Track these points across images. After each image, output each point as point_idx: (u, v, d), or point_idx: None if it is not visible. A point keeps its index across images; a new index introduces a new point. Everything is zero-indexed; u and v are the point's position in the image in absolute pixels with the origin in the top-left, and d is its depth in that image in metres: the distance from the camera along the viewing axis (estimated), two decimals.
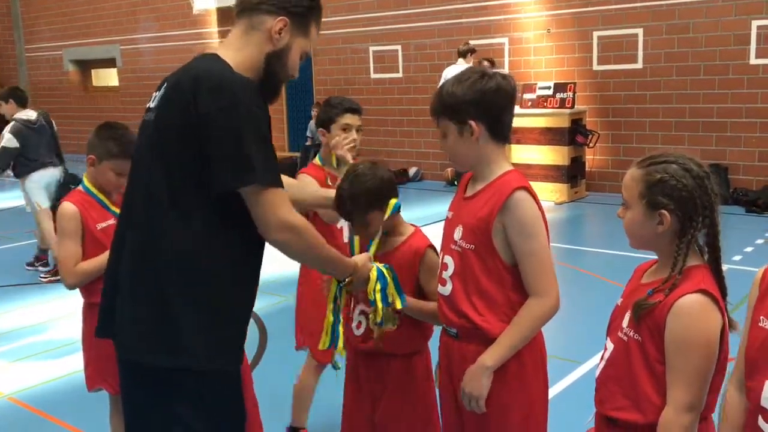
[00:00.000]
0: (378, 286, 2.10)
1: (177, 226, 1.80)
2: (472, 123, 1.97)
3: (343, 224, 3.02)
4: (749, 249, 6.40)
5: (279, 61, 1.95)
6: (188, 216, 1.80)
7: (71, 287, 2.80)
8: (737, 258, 6.01)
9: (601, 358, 1.85)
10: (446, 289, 2.06)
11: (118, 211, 2.70)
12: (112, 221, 2.81)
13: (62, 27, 16.98)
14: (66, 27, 16.88)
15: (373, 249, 2.27)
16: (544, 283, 1.96)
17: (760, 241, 6.62)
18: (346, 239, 3.01)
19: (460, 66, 9.11)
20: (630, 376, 1.72)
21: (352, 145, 2.96)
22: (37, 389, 4.15)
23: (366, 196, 2.25)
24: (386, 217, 2.28)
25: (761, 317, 1.49)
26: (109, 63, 16.21)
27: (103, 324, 1.99)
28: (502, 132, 2.02)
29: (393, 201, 2.28)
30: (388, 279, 2.12)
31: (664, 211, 1.69)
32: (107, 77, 16.78)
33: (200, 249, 1.81)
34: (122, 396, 2.01)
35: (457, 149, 2.03)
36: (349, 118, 3.01)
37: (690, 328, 1.64)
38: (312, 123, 10.24)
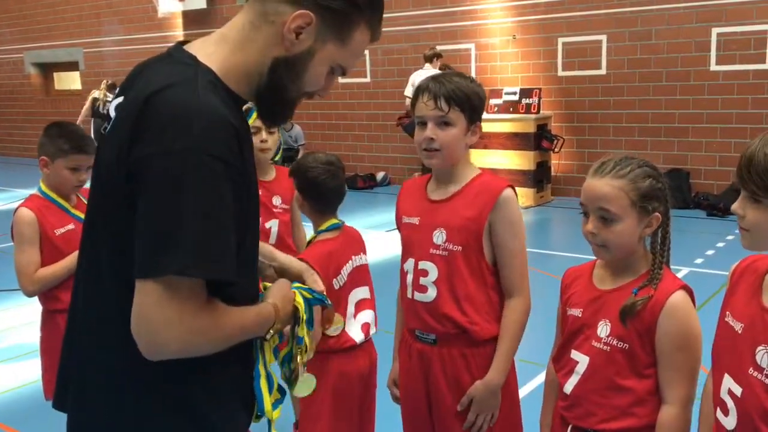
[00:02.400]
0: (306, 317, 1.54)
1: (115, 293, 1.31)
2: (478, 125, 2.04)
3: (271, 224, 2.99)
4: (710, 252, 6.51)
5: (291, 70, 1.38)
6: (122, 287, 1.27)
7: (30, 295, 2.73)
8: (699, 261, 6.11)
9: (569, 372, 1.81)
10: (427, 296, 2.04)
11: (79, 214, 2.72)
12: (71, 226, 2.74)
13: (23, 29, 16.64)
14: (27, 29, 16.54)
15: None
16: (525, 282, 2.03)
17: (730, 237, 6.75)
18: (273, 240, 2.96)
19: (427, 71, 9.15)
20: (616, 386, 1.71)
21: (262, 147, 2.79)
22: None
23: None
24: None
25: (727, 312, 1.52)
26: (72, 66, 15.93)
27: (60, 396, 1.53)
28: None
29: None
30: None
31: (657, 214, 1.72)
32: (70, 80, 16.48)
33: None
34: None
35: (456, 143, 2.02)
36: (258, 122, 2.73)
37: (686, 324, 1.68)
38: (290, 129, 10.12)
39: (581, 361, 1.78)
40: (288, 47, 1.36)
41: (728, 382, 1.46)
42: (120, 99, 1.42)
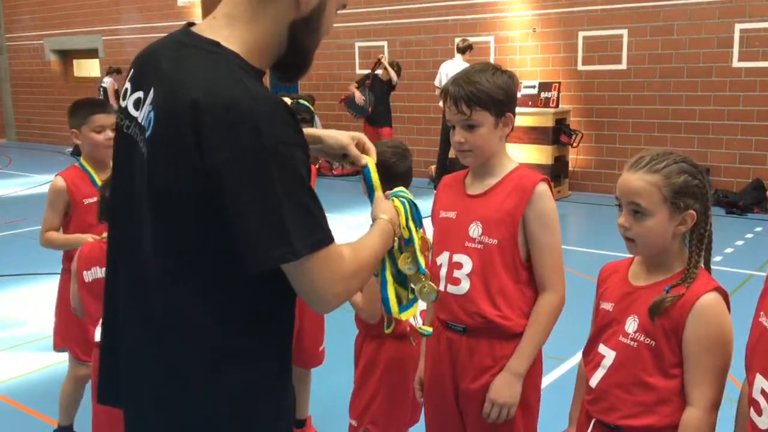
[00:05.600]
0: (410, 216, 1.68)
1: (175, 290, 1.36)
2: (510, 115, 2.03)
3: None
4: (729, 250, 6.46)
5: (309, 27, 1.42)
6: (187, 280, 1.35)
7: (41, 246, 3.11)
8: (718, 259, 6.06)
9: (595, 366, 1.81)
10: (460, 288, 2.04)
11: None
12: (96, 199, 3.01)
13: (44, 16, 16.76)
14: (47, 16, 16.66)
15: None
16: (558, 277, 2.02)
17: (749, 236, 6.69)
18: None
19: (459, 62, 9.13)
20: (642, 382, 1.71)
21: None
22: (16, 381, 4.10)
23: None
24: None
25: (762, 313, 1.51)
26: (91, 53, 16.03)
27: (106, 388, 1.58)
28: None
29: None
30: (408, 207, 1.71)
31: (691, 212, 1.70)
32: (89, 68, 16.59)
33: (212, 319, 1.36)
34: None
35: (487, 141, 2.02)
36: None
37: (715, 326, 1.65)
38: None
39: (608, 355, 1.78)
40: (303, 7, 1.38)
41: (761, 382, 1.45)
42: (138, 94, 1.40)
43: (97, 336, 2.49)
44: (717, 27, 8.50)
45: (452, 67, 9.08)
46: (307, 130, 1.63)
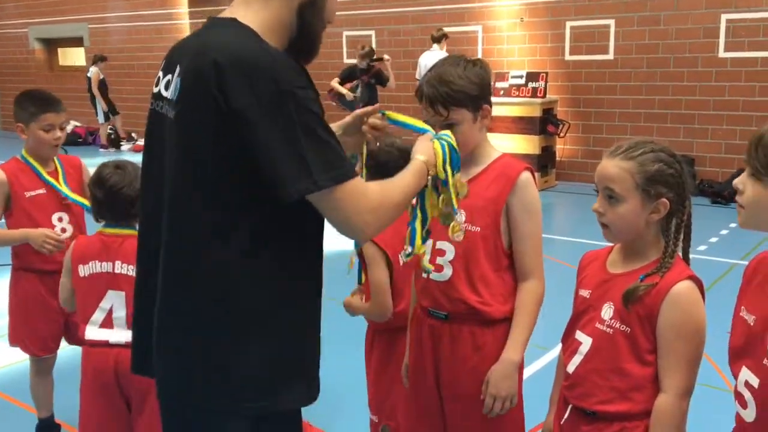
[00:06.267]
0: (448, 158, 1.78)
1: (214, 243, 1.50)
2: (486, 107, 2.02)
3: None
4: (714, 239, 6.52)
5: (314, 9, 1.60)
6: (228, 231, 1.49)
7: None
8: (702, 248, 6.12)
9: (572, 352, 1.83)
10: (443, 275, 2.05)
11: (52, 180, 3.00)
12: (42, 191, 3.00)
13: (28, 3, 16.58)
14: (32, 3, 16.48)
15: None
16: (540, 265, 2.04)
17: (734, 225, 6.75)
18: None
19: (436, 52, 9.11)
20: (617, 368, 1.72)
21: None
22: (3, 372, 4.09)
23: None
24: None
25: (742, 307, 1.52)
26: (77, 42, 15.88)
27: (138, 360, 1.72)
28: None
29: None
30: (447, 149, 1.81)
31: (664, 200, 1.71)
32: (74, 56, 16.44)
33: (244, 268, 1.51)
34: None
35: (468, 137, 2.01)
36: None
37: (688, 313, 1.67)
38: None
39: (584, 341, 1.80)
40: None
41: (745, 375, 1.47)
42: (168, 77, 1.56)
43: (90, 334, 2.46)
44: (703, 17, 8.53)
45: (430, 58, 9.07)
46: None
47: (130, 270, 2.45)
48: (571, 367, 1.82)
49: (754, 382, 1.44)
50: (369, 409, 2.69)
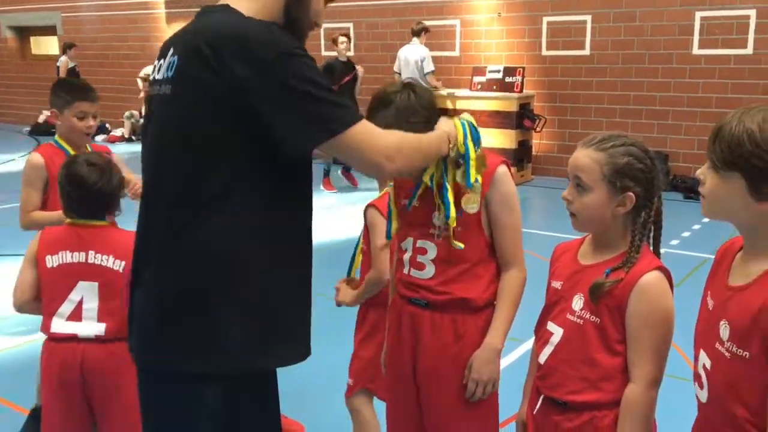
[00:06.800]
0: (469, 135, 1.96)
1: (201, 209, 1.56)
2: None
3: None
4: (686, 234, 6.61)
5: (299, 5, 1.72)
6: (217, 204, 1.56)
7: (23, 229, 3.01)
8: (675, 242, 6.21)
9: (544, 343, 1.86)
10: (425, 273, 2.06)
11: None
12: None
13: None
14: None
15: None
16: (521, 254, 2.08)
17: (706, 220, 6.85)
18: None
19: (415, 45, 9.11)
20: (587, 358, 1.75)
21: None
22: None
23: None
24: None
25: (708, 292, 1.56)
26: (50, 30, 15.62)
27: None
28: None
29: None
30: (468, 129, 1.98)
31: (630, 194, 1.73)
32: (47, 45, 16.17)
33: (231, 237, 1.57)
34: (140, 406, 1.76)
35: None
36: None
37: (656, 304, 1.70)
38: None
39: (556, 332, 1.82)
40: None
41: (702, 358, 1.51)
42: (161, 61, 1.65)
43: (56, 327, 2.40)
44: (678, 14, 8.63)
45: (409, 51, 9.09)
46: None
47: (103, 260, 2.42)
48: (542, 358, 1.85)
49: (708, 364, 1.48)
50: (348, 374, 2.71)
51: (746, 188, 1.37)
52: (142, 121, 13.18)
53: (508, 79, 9.21)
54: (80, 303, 2.41)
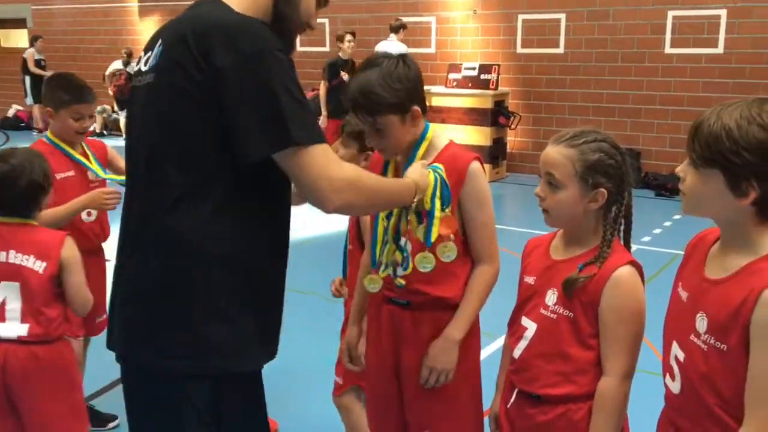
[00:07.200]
0: (438, 192, 1.90)
1: (184, 207, 1.52)
2: (415, 108, 1.98)
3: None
4: (658, 231, 6.70)
5: (289, 4, 1.68)
6: (198, 195, 1.52)
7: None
8: (646, 239, 6.28)
9: (518, 338, 1.87)
10: (401, 282, 2.05)
11: (84, 160, 2.99)
12: (71, 173, 2.94)
13: None
14: None
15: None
16: (494, 250, 2.07)
17: (677, 217, 6.94)
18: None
19: (393, 42, 9.09)
20: (561, 353, 1.77)
21: None
22: None
23: None
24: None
25: (679, 284, 1.58)
26: (19, 23, 15.35)
27: (110, 335, 1.72)
28: (426, 107, 2.08)
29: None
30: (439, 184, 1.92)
31: (602, 190, 1.75)
32: (17, 38, 15.87)
33: (211, 231, 1.53)
34: (126, 403, 1.72)
35: (399, 138, 2.00)
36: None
37: (628, 298, 1.72)
38: None
39: (530, 327, 1.84)
40: None
41: (675, 349, 1.53)
42: (149, 54, 1.62)
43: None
44: (650, 13, 8.73)
45: (387, 47, 9.05)
46: None
47: (24, 260, 2.35)
48: (517, 352, 1.86)
49: (681, 356, 1.50)
50: (335, 372, 2.71)
51: (725, 185, 1.39)
52: (114, 116, 13.03)
53: (483, 77, 9.25)
54: (3, 303, 2.34)
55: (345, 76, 8.68)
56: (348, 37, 8.82)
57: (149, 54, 1.62)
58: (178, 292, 1.55)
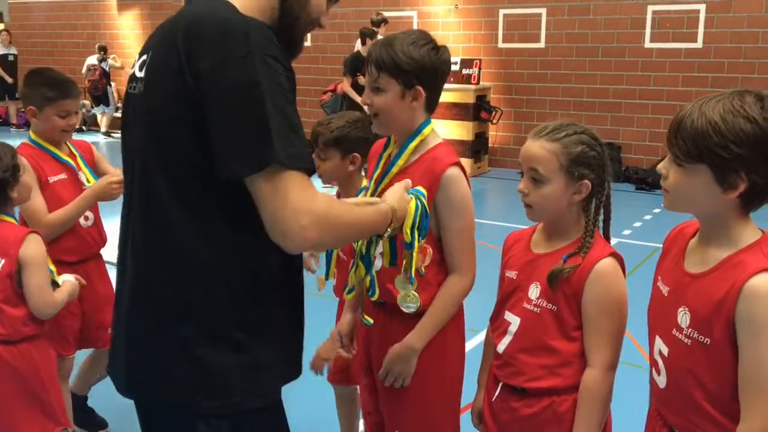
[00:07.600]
0: (417, 222, 1.69)
1: (180, 216, 1.38)
2: (420, 89, 1.94)
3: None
4: (638, 224, 6.75)
5: (297, 1, 1.51)
6: (193, 218, 1.38)
7: (49, 238, 2.63)
8: (627, 232, 6.34)
9: (502, 333, 1.87)
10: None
11: (71, 161, 2.82)
12: (63, 175, 2.77)
13: None
14: None
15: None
16: (467, 261, 1.99)
17: (657, 210, 7.00)
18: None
19: (375, 37, 9.06)
20: (545, 346, 1.77)
21: None
22: None
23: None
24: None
25: (659, 277, 1.59)
26: None
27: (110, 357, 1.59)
28: (435, 104, 2.02)
29: None
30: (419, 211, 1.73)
31: (586, 182, 1.75)
32: None
33: (213, 261, 1.39)
34: None
35: (391, 108, 1.95)
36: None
37: (611, 290, 1.74)
38: None
39: (513, 321, 1.84)
40: None
41: (659, 344, 1.54)
42: (144, 57, 1.48)
43: None
44: (631, 8, 8.78)
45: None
46: None
47: None
48: (501, 347, 1.86)
49: (665, 350, 1.51)
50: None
51: (713, 179, 1.39)
52: (93, 111, 12.90)
53: (465, 71, 9.26)
54: None
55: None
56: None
57: (144, 57, 1.48)
58: (180, 325, 1.41)
